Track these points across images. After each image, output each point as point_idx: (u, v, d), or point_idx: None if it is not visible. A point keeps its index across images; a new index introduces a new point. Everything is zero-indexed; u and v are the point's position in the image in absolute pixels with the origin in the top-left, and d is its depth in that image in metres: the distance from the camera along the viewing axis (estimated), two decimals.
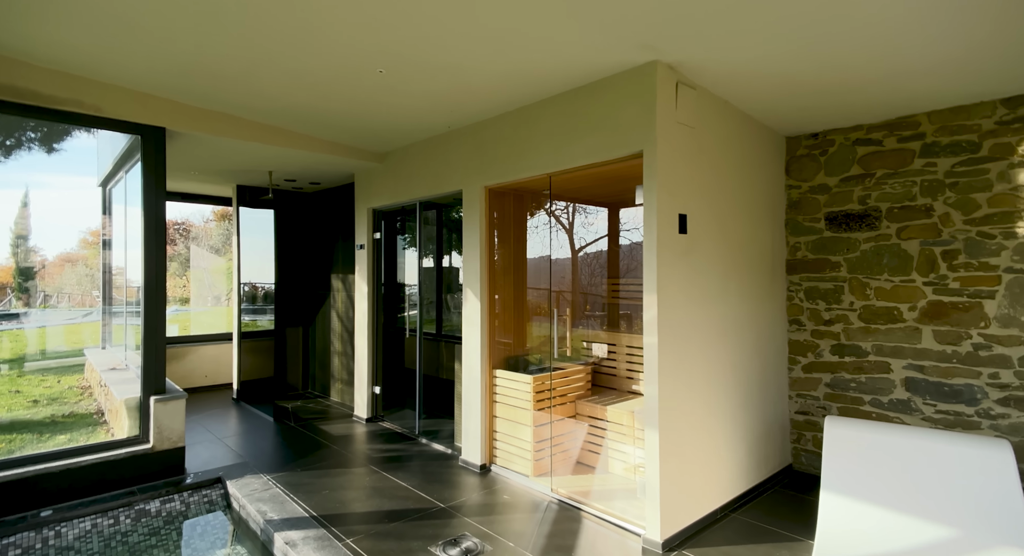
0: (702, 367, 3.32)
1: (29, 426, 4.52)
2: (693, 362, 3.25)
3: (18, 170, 8.76)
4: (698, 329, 3.29)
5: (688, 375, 3.20)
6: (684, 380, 3.17)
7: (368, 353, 5.50)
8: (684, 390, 3.17)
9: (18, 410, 5.03)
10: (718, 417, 3.45)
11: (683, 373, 3.16)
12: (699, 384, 3.29)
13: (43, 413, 4.92)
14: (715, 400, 3.43)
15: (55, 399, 5.47)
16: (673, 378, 3.08)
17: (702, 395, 3.32)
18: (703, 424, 3.32)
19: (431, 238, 7.18)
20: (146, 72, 3.44)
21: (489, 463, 4.18)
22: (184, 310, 9.22)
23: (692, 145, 3.26)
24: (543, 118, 3.66)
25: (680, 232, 3.16)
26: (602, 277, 5.10)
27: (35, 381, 6.48)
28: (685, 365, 3.18)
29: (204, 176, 5.92)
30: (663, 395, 3.00)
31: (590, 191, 4.69)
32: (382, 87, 3.52)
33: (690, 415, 3.21)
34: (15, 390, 5.86)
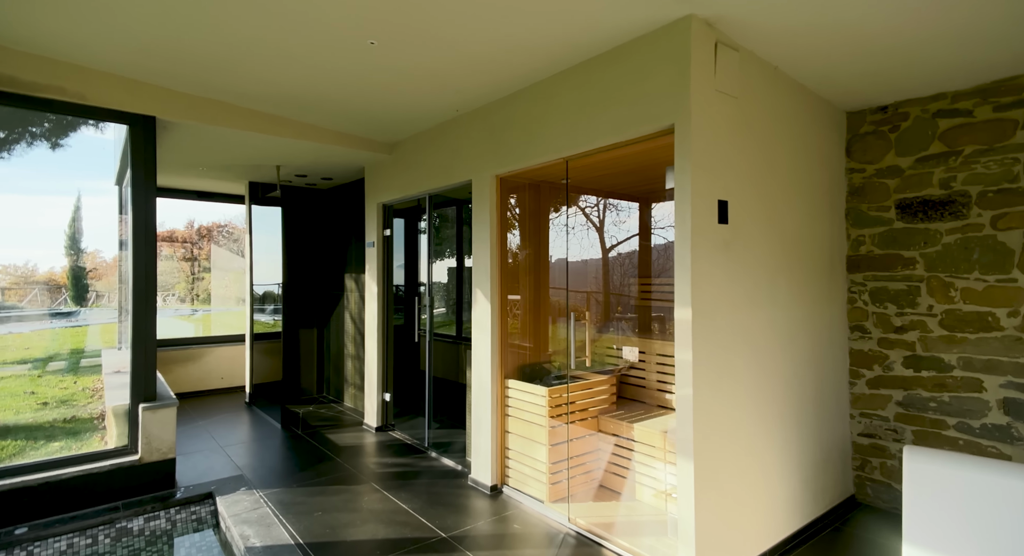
0: (746, 383, 2.79)
1: (28, 431, 4.37)
2: (735, 377, 2.72)
3: (72, 177, 9.08)
4: (741, 337, 2.76)
5: (729, 393, 2.68)
6: (725, 399, 2.65)
7: (378, 358, 5.16)
8: (725, 410, 2.65)
9: (26, 413, 4.92)
10: (766, 441, 2.91)
11: (723, 390, 2.64)
12: (743, 403, 2.76)
13: (47, 417, 4.78)
14: (763, 421, 2.89)
15: (65, 401, 5.36)
16: (711, 397, 2.57)
17: (747, 416, 2.78)
18: (748, 450, 2.78)
19: (451, 236, 6.83)
20: (128, 54, 3.18)
21: (500, 484, 3.75)
22: (206, 310, 9.18)
23: (734, 118, 2.73)
24: (557, 95, 3.20)
25: (720, 222, 2.64)
26: (631, 277, 4.58)
27: (54, 381, 6.44)
28: (725, 381, 2.66)
29: (214, 172, 5.72)
30: (699, 417, 2.49)
31: (615, 181, 4.19)
32: (378, 66, 3.14)
33: (732, 440, 2.69)
34: (30, 391, 5.81)
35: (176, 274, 20.84)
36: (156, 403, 3.65)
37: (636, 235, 4.68)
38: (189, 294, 16.83)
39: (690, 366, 2.47)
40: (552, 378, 4.04)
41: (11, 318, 9.94)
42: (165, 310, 18.39)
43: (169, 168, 5.45)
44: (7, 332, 9.56)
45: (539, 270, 4.19)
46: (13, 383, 6.24)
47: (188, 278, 18.31)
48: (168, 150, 4.68)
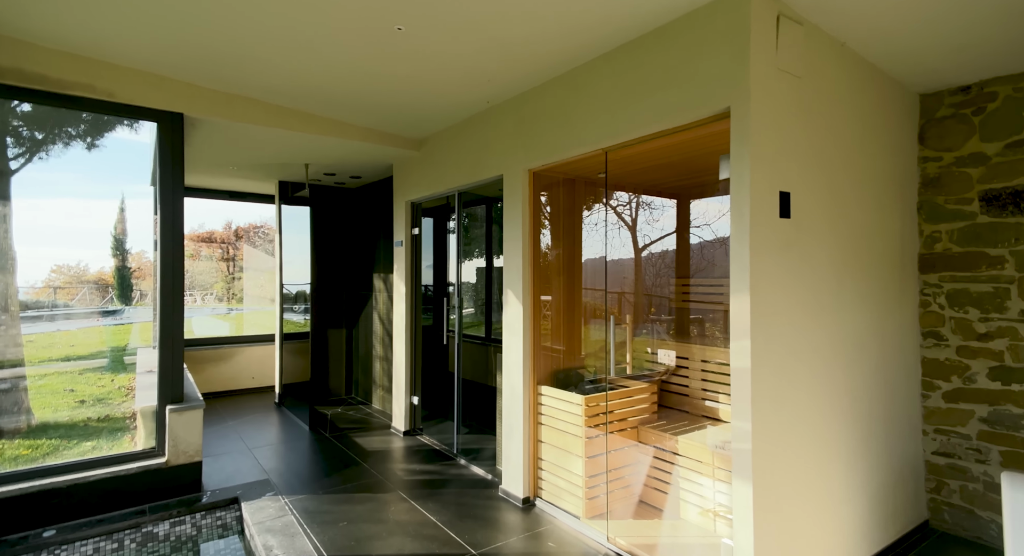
0: (810, 396, 2.49)
1: (63, 429, 4.41)
2: (798, 390, 2.43)
3: (117, 180, 9.44)
4: (804, 344, 2.47)
5: (791, 408, 2.39)
6: (786, 414, 2.36)
7: (406, 359, 5.02)
8: (786, 426, 2.37)
9: (63, 410, 4.99)
10: (831, 459, 2.61)
11: (785, 405, 2.36)
12: (806, 417, 2.47)
13: (83, 415, 4.83)
14: (827, 437, 2.59)
15: (101, 400, 5.43)
16: (772, 412, 2.29)
17: (810, 431, 2.49)
18: (812, 469, 2.49)
19: (479, 236, 6.67)
20: (154, 49, 3.11)
21: (533, 496, 3.54)
22: (239, 310, 9.27)
23: (797, 101, 2.44)
24: (595, 81, 2.96)
25: (781, 216, 2.36)
26: (669, 277, 4.30)
27: (93, 379, 6.57)
28: (787, 394, 2.37)
29: (244, 171, 5.70)
30: (759, 436, 2.22)
31: (653, 176, 3.92)
32: (405, 54, 2.98)
33: (794, 458, 2.40)
34: (70, 389, 5.92)
35: (215, 274, 21.44)
36: (183, 405, 3.59)
37: (672, 233, 4.39)
38: (226, 294, 17.24)
39: (749, 376, 2.20)
40: (587, 384, 3.81)
41: (60, 316, 10.30)
42: (202, 309, 18.94)
43: (200, 167, 5.45)
44: (56, 330, 9.90)
45: (572, 270, 3.96)
46: (56, 380, 6.38)
47: (225, 278, 18.77)
48: (197, 149, 4.65)
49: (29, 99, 3.20)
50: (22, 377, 4.26)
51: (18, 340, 4.30)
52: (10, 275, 4.18)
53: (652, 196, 4.38)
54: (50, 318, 10.06)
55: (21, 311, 10.12)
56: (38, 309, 10.14)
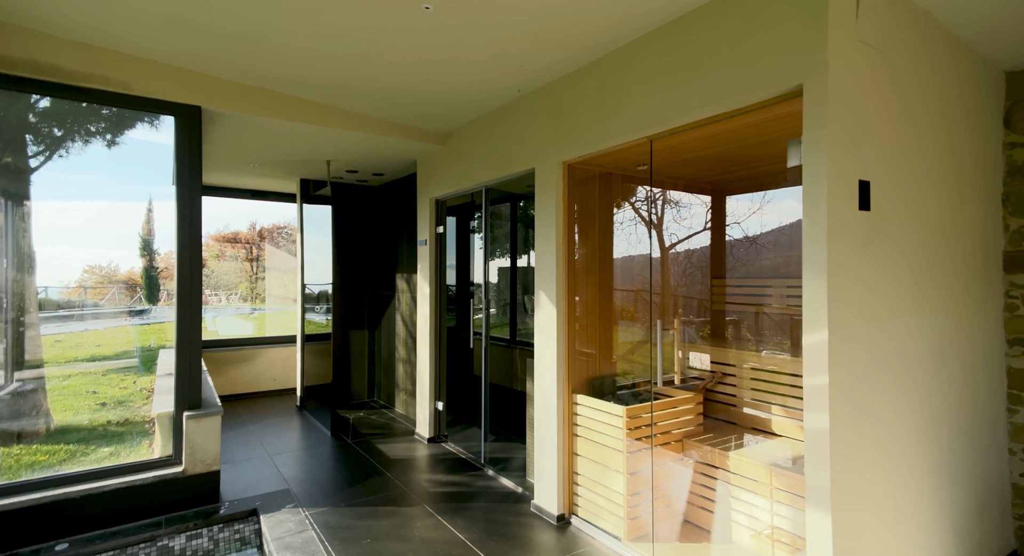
0: (891, 411, 2.19)
1: (83, 433, 4.31)
2: (879, 406, 2.13)
3: (146, 182, 9.63)
4: (884, 355, 2.17)
5: (872, 426, 2.10)
6: (867, 434, 2.07)
7: (430, 363, 4.81)
8: (867, 448, 2.07)
9: (83, 413, 4.91)
10: (914, 485, 2.30)
11: (865, 423, 2.07)
12: (888, 437, 2.17)
13: (103, 418, 4.74)
14: (909, 460, 2.28)
15: (122, 402, 5.35)
16: (851, 430, 2.00)
17: (893, 453, 2.19)
18: (893, 496, 2.19)
19: (504, 235, 6.44)
20: (169, 37, 2.95)
21: (568, 513, 3.29)
22: (261, 310, 9.20)
23: (877, 77, 2.15)
24: (639, 62, 2.70)
25: (861, 208, 2.07)
26: (714, 278, 4.00)
27: (116, 380, 6.52)
28: (867, 410, 2.08)
29: (265, 169, 5.57)
30: (838, 463, 1.94)
31: (697, 169, 3.64)
32: (432, 37, 2.76)
33: (875, 484, 2.11)
34: (92, 390, 5.86)
35: (240, 274, 21.69)
36: (200, 411, 3.43)
37: (706, 230, 4.09)
38: (250, 294, 17.37)
39: (826, 393, 1.92)
40: (624, 392, 3.55)
41: (88, 316, 10.40)
42: (227, 309, 19.13)
43: (220, 165, 5.33)
44: (84, 329, 9.99)
45: (604, 269, 3.70)
46: (79, 381, 6.35)
47: (250, 278, 18.93)
48: (218, 145, 4.52)
49: (44, 91, 3.08)
50: (42, 379, 4.17)
51: (38, 341, 4.21)
52: (29, 276, 4.09)
53: (688, 193, 4.09)
54: (80, 318, 10.15)
55: (53, 311, 10.27)
56: (69, 309, 10.27)
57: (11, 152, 4.04)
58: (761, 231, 3.83)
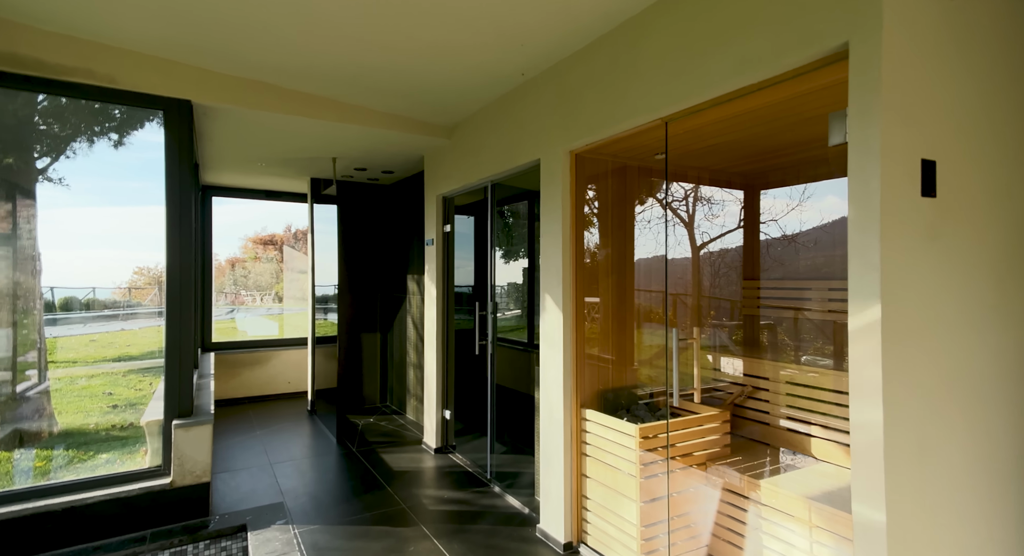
0: (963, 454, 1.79)
1: (85, 437, 4.24)
2: (948, 441, 1.74)
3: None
4: (956, 378, 1.77)
5: (940, 467, 1.71)
6: (932, 477, 1.68)
7: (437, 370, 4.56)
8: (932, 495, 1.68)
9: (93, 415, 4.88)
10: (990, 540, 1.88)
11: (930, 463, 1.68)
12: (958, 482, 1.77)
13: (111, 421, 4.69)
14: (986, 511, 1.87)
15: (133, 405, 5.31)
16: (913, 472, 1.62)
17: (964, 503, 1.79)
18: (964, 554, 1.79)
19: (524, 235, 6.15)
20: (157, 26, 2.78)
21: (577, 541, 2.97)
22: (278, 311, 9.18)
23: (942, 34, 1.75)
24: (652, 34, 2.36)
25: (924, 194, 1.68)
26: (746, 280, 3.60)
27: (134, 381, 6.54)
28: (934, 449, 1.69)
29: (273, 168, 5.44)
30: (895, 520, 1.56)
31: (724, 156, 3.25)
32: (424, 12, 2.49)
33: (943, 539, 1.71)
34: (108, 392, 5.87)
35: (273, 275, 22.13)
36: (189, 420, 3.27)
37: (738, 228, 3.68)
38: (281, 295, 17.64)
39: (881, 429, 1.54)
40: (642, 407, 3.20)
41: (119, 316, 10.65)
42: (258, 309, 19.47)
43: (229, 164, 5.23)
44: (121, 329, 10.23)
45: (622, 270, 3.36)
46: (99, 381, 6.39)
47: (281, 279, 19.25)
48: (220, 143, 4.39)
49: (26, 87, 2.96)
50: (38, 383, 4.11)
51: (41, 344, 4.16)
52: (33, 278, 4.04)
53: (715, 186, 3.70)
54: (124, 318, 10.41)
55: (99, 311, 10.48)
56: (114, 309, 10.56)
57: (50, 155, 4.02)
58: (800, 229, 3.42)
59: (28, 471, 3.76)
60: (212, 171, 5.55)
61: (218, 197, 6.36)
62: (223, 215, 10.80)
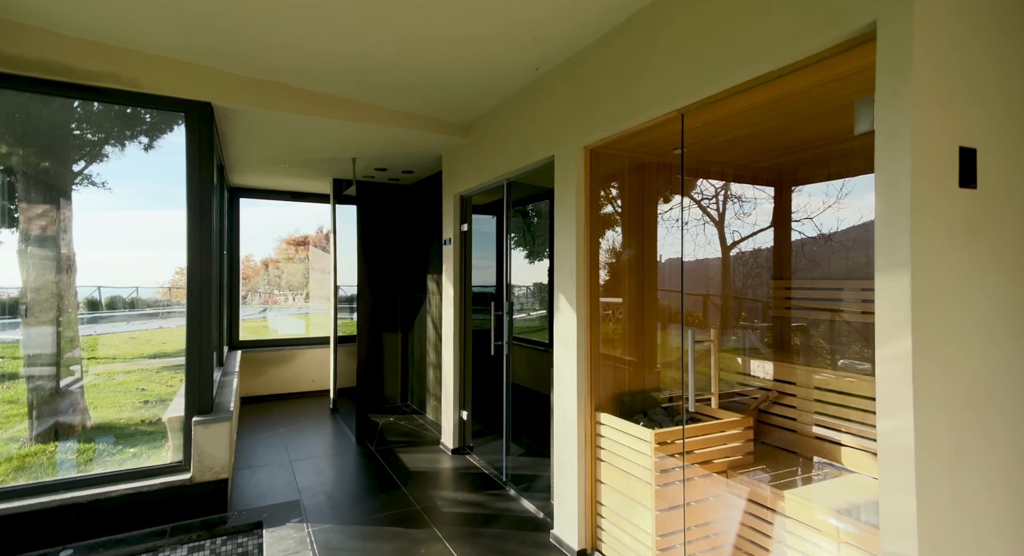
0: (1005, 469, 1.63)
1: (115, 431, 4.38)
2: (988, 458, 1.59)
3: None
4: (999, 389, 1.62)
5: (977, 486, 1.56)
6: (970, 497, 1.54)
7: (455, 370, 4.53)
8: (971, 517, 1.54)
9: (125, 410, 5.04)
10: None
11: (968, 484, 1.53)
12: (1001, 501, 1.61)
13: (139, 416, 4.83)
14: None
15: (163, 400, 5.47)
16: (948, 495, 1.48)
17: (1004, 520, 1.63)
18: None
19: (546, 233, 6.08)
20: (176, 30, 2.84)
21: (591, 549, 2.88)
22: (304, 310, 9.34)
23: (982, 8, 1.60)
24: (667, 22, 2.26)
25: (963, 185, 1.54)
26: (770, 280, 3.44)
27: (167, 377, 6.75)
28: (972, 468, 1.54)
29: (295, 169, 5.52)
30: (927, 536, 1.43)
31: (748, 149, 3.11)
32: (440, 5, 2.45)
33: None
34: (141, 388, 6.07)
35: (305, 275, 22.63)
36: (208, 417, 3.33)
37: (768, 227, 3.51)
38: (309, 294, 18.01)
39: (911, 440, 1.42)
40: (661, 411, 3.08)
41: (160, 314, 11.06)
42: (290, 308, 19.93)
43: (253, 166, 5.33)
44: (158, 327, 10.63)
45: (644, 270, 3.25)
46: (134, 377, 6.62)
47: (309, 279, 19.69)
48: (241, 145, 4.47)
49: (56, 92, 3.06)
50: (78, 378, 4.27)
51: (76, 340, 4.32)
52: (68, 276, 4.19)
53: (740, 183, 3.54)
54: (164, 316, 10.82)
55: (142, 309, 10.88)
56: (155, 307, 10.99)
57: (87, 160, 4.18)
58: (838, 227, 3.23)
59: (61, 463, 3.90)
60: (238, 173, 5.67)
61: (245, 198, 6.50)
62: (259, 217, 11.03)
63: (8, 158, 3.90)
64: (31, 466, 3.65)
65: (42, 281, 4.11)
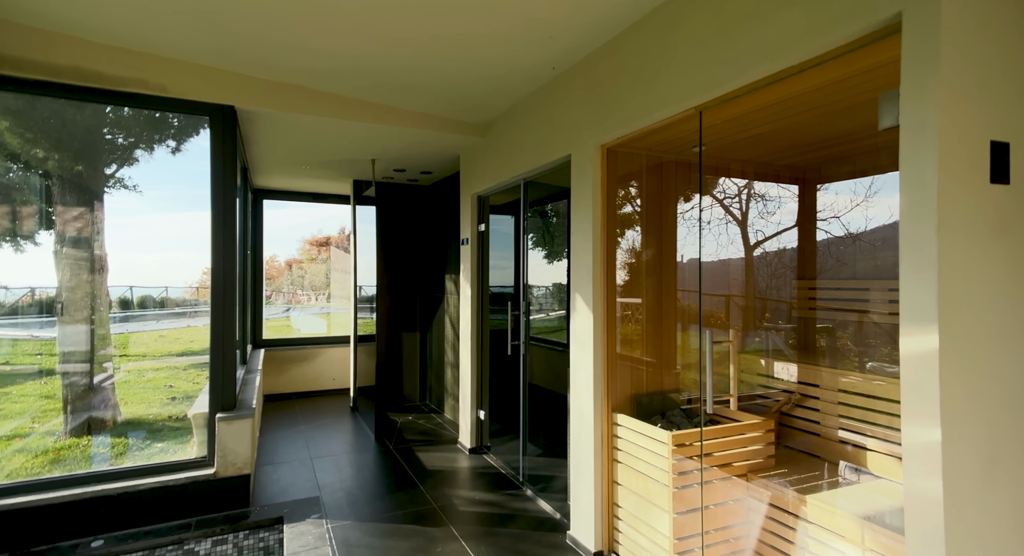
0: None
1: (144, 427, 4.51)
2: (1019, 466, 1.52)
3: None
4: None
5: (1010, 497, 1.50)
6: (1002, 509, 1.48)
7: (472, 370, 4.55)
8: (1004, 529, 1.48)
9: (154, 406, 5.19)
10: None
11: (999, 493, 1.47)
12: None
13: (167, 412, 4.97)
14: None
15: (190, 397, 5.62)
16: (977, 505, 1.43)
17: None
18: None
19: (565, 233, 6.07)
20: (199, 34, 2.92)
21: (608, 550, 2.85)
22: (326, 310, 9.49)
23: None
24: (684, 18, 2.23)
25: (994, 180, 1.48)
26: (793, 279, 3.36)
27: (193, 375, 6.94)
28: (1003, 475, 1.48)
29: (316, 171, 5.61)
30: (955, 545, 1.38)
31: (770, 147, 3.05)
32: (457, 5, 2.47)
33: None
34: (169, 385, 6.25)
35: (327, 275, 23.02)
36: (232, 413, 3.40)
37: (793, 227, 3.43)
38: (330, 293, 18.33)
39: (938, 445, 1.37)
40: (680, 413, 3.04)
41: (188, 313, 11.38)
42: (312, 308, 20.28)
43: (275, 168, 5.44)
44: (186, 325, 10.94)
45: (663, 270, 3.21)
46: (163, 374, 6.83)
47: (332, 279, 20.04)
48: (264, 147, 4.57)
49: (89, 98, 3.17)
50: (110, 375, 4.41)
51: (108, 338, 4.47)
52: (100, 276, 4.34)
53: (762, 181, 3.47)
54: (191, 315, 11.14)
55: (171, 308, 11.21)
56: (183, 307, 11.33)
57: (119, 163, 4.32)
58: (866, 227, 3.14)
59: (94, 457, 4.04)
60: (261, 175, 5.80)
61: (268, 200, 6.64)
62: (283, 218, 11.37)
63: (45, 162, 4.06)
64: (66, 459, 3.79)
65: (76, 281, 4.26)
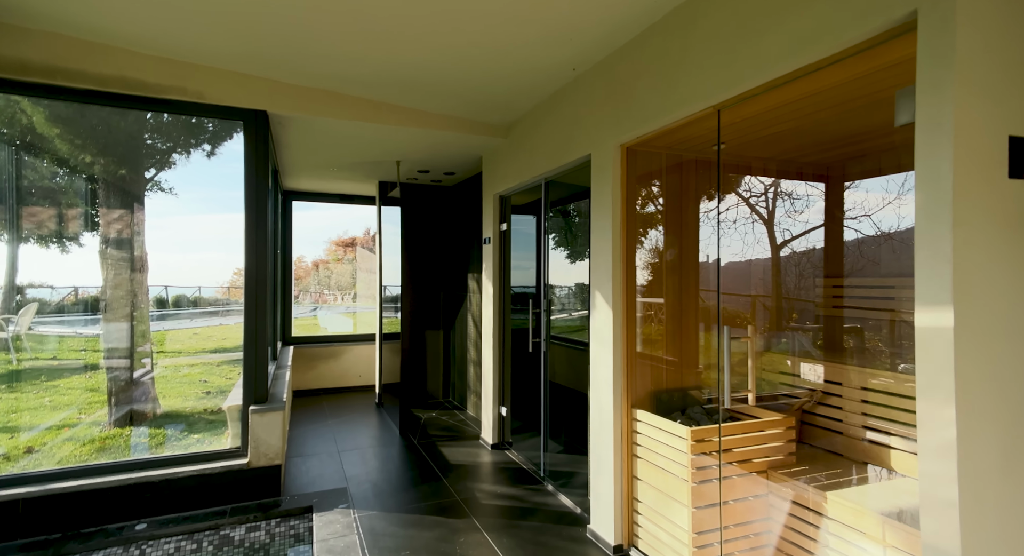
0: None
1: (181, 419, 4.72)
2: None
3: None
4: None
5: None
6: (1020, 503, 1.48)
7: (494, 367, 4.62)
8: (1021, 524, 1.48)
9: (190, 400, 5.42)
10: None
11: (1021, 514, 1.47)
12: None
13: (202, 406, 5.18)
14: None
15: (224, 391, 5.84)
16: (995, 499, 1.43)
17: None
18: None
19: (587, 232, 6.10)
20: (234, 42, 3.07)
21: (627, 544, 2.89)
22: (352, 309, 9.70)
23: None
24: (703, 17, 2.26)
25: (1012, 176, 1.48)
26: (816, 278, 3.34)
27: (226, 370, 7.20)
28: (1021, 470, 1.48)
29: (343, 173, 5.78)
30: (972, 543, 1.39)
31: (792, 144, 3.04)
32: (477, 12, 2.55)
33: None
34: (204, 380, 6.50)
35: (353, 275, 23.45)
36: (263, 406, 3.55)
37: (820, 226, 3.40)
38: (356, 293, 18.65)
39: (954, 442, 1.38)
40: (700, 410, 3.06)
41: (220, 312, 11.78)
42: (339, 307, 20.68)
43: (303, 170, 5.62)
44: (219, 324, 11.33)
45: (685, 269, 3.23)
46: (198, 370, 7.10)
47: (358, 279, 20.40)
48: (295, 150, 4.73)
49: (133, 105, 3.35)
50: (149, 370, 4.63)
51: (147, 335, 4.69)
52: (142, 275, 4.56)
53: (786, 178, 3.45)
54: (223, 313, 11.53)
55: (204, 308, 11.61)
56: (215, 306, 11.75)
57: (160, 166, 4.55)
58: (899, 225, 3.10)
59: (136, 446, 4.25)
60: (291, 177, 5.99)
61: (297, 202, 6.85)
62: (310, 220, 11.77)
63: (91, 167, 4.30)
64: (110, 448, 4.01)
65: (119, 280, 4.49)
